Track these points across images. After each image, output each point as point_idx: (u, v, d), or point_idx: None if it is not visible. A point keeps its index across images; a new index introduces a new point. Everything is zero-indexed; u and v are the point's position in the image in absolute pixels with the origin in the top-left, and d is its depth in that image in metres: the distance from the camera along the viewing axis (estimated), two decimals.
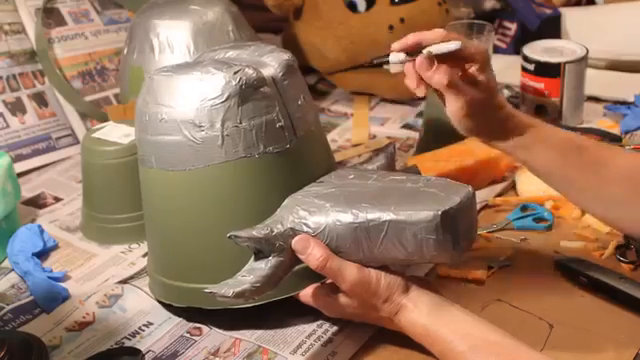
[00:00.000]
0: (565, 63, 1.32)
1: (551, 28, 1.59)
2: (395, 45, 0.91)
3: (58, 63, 1.41)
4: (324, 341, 0.92)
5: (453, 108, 0.92)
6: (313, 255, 0.84)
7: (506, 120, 0.93)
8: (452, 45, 0.89)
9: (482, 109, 0.92)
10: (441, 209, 0.82)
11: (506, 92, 1.46)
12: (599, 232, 1.08)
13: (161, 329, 0.96)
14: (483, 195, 1.17)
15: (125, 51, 1.30)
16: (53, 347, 0.93)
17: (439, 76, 0.89)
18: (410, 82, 0.91)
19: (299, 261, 0.86)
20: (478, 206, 1.10)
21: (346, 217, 0.84)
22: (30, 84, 1.38)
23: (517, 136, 0.93)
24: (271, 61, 0.93)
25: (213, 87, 0.88)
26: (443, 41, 0.89)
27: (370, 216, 0.83)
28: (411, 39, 0.91)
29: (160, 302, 0.99)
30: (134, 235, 1.11)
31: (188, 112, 0.88)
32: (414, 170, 1.10)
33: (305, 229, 0.85)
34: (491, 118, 0.93)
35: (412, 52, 0.91)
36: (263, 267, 0.84)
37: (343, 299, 0.88)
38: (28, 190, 1.27)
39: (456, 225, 0.83)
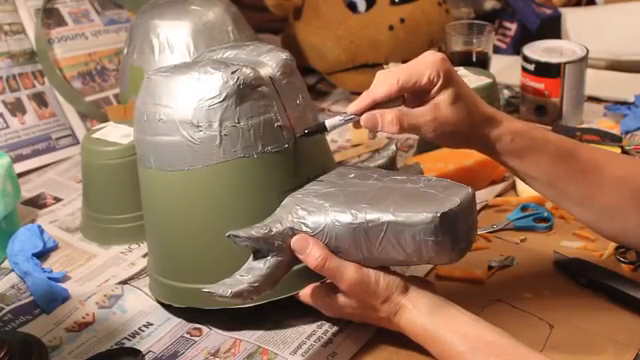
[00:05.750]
0: (565, 63, 1.32)
1: (551, 28, 1.59)
2: (350, 109, 0.88)
3: (58, 63, 1.41)
4: (324, 342, 0.92)
5: (425, 136, 0.89)
6: (312, 255, 0.84)
7: (490, 127, 0.89)
8: (348, 117, 0.88)
9: (455, 122, 0.88)
10: (440, 211, 0.81)
11: (506, 92, 1.46)
12: None
13: (161, 330, 0.96)
14: (483, 195, 1.17)
15: (125, 51, 1.30)
16: (53, 348, 0.93)
17: (387, 127, 0.87)
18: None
19: (298, 261, 0.86)
20: (478, 206, 1.10)
21: (345, 217, 0.84)
22: (30, 84, 1.38)
23: (505, 143, 0.90)
24: (269, 60, 0.93)
25: (211, 87, 0.88)
26: (392, 95, 0.87)
27: (369, 217, 0.83)
28: (364, 102, 0.88)
29: (160, 302, 0.99)
30: (134, 235, 1.11)
31: (186, 112, 0.88)
32: (417, 167, 1.10)
33: (304, 229, 0.85)
34: (471, 129, 0.89)
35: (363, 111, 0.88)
36: (262, 267, 0.84)
37: (342, 299, 0.88)
38: (28, 190, 1.27)
39: (455, 227, 0.83)
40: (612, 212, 0.91)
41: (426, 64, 0.87)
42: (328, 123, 0.90)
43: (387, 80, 0.87)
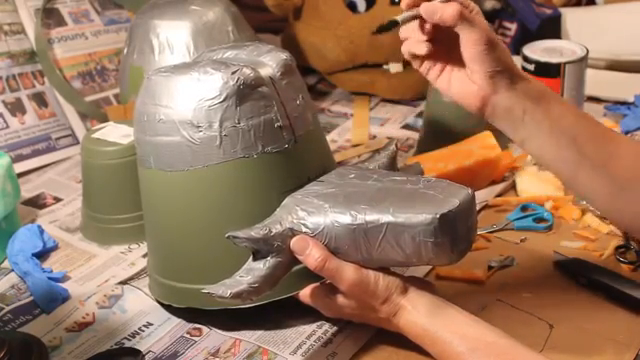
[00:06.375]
0: (565, 63, 1.32)
1: (551, 28, 1.59)
2: (404, 3, 0.88)
3: (58, 63, 1.41)
4: (324, 342, 0.92)
5: (471, 42, 0.86)
6: (312, 256, 0.84)
7: (516, 76, 0.89)
8: (409, 13, 0.87)
9: (496, 44, 0.87)
10: (439, 212, 0.81)
11: None
12: (599, 232, 1.08)
13: (161, 330, 0.96)
14: (483, 195, 1.17)
15: (125, 51, 1.30)
16: (53, 348, 0.93)
17: (450, 10, 0.85)
18: (414, 42, 0.89)
19: (297, 261, 0.85)
20: (478, 206, 1.10)
21: (344, 218, 0.84)
22: (30, 84, 1.38)
23: (534, 85, 0.89)
24: (269, 61, 0.93)
25: (211, 87, 0.88)
26: None
27: (368, 218, 0.83)
28: None
29: (160, 303, 0.99)
30: (134, 235, 1.11)
31: (186, 112, 0.88)
32: (417, 167, 1.10)
33: (304, 229, 0.85)
34: (507, 63, 0.88)
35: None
36: (261, 267, 0.84)
37: (341, 300, 0.88)
38: (28, 190, 1.28)
39: (455, 228, 0.83)
40: (623, 184, 0.90)
41: None
42: (400, 17, 0.88)
43: None
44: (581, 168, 0.91)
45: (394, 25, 0.88)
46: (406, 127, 1.42)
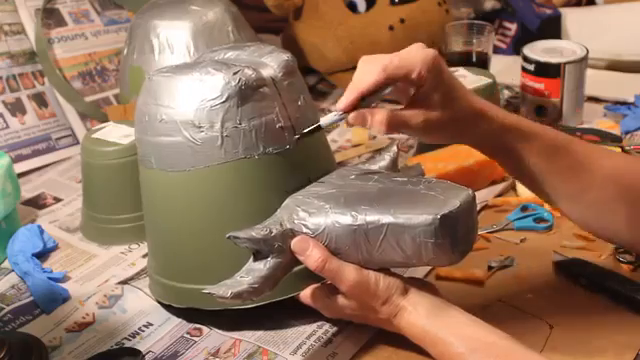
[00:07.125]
0: (565, 63, 1.32)
1: (551, 28, 1.59)
2: (339, 105, 0.85)
3: (58, 63, 1.41)
4: (324, 342, 0.92)
5: (413, 131, 0.87)
6: (312, 256, 0.84)
7: (480, 122, 0.88)
8: (335, 117, 0.85)
9: (446, 121, 0.86)
10: (440, 213, 0.81)
11: (506, 92, 1.46)
12: None
13: (161, 330, 0.96)
14: (483, 195, 1.17)
15: (125, 51, 1.30)
16: (53, 348, 0.93)
17: (376, 127, 0.84)
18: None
19: (298, 262, 0.85)
20: (478, 207, 1.09)
21: (345, 219, 0.84)
22: (30, 84, 1.38)
23: (494, 138, 0.89)
24: (271, 62, 0.93)
25: (212, 88, 0.88)
26: (378, 84, 0.84)
27: (369, 218, 0.83)
28: (351, 96, 0.84)
29: (160, 303, 0.99)
30: (134, 235, 1.11)
31: (188, 113, 0.88)
32: (418, 168, 1.10)
33: (304, 230, 0.85)
34: (462, 126, 0.88)
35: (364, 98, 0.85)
36: (262, 268, 0.84)
37: (342, 300, 0.88)
38: (28, 190, 1.27)
39: (455, 229, 0.82)
40: (601, 207, 0.91)
41: (416, 59, 0.84)
42: (323, 122, 0.88)
43: (372, 68, 0.84)
44: (553, 197, 0.93)
45: (317, 130, 0.89)
46: None
